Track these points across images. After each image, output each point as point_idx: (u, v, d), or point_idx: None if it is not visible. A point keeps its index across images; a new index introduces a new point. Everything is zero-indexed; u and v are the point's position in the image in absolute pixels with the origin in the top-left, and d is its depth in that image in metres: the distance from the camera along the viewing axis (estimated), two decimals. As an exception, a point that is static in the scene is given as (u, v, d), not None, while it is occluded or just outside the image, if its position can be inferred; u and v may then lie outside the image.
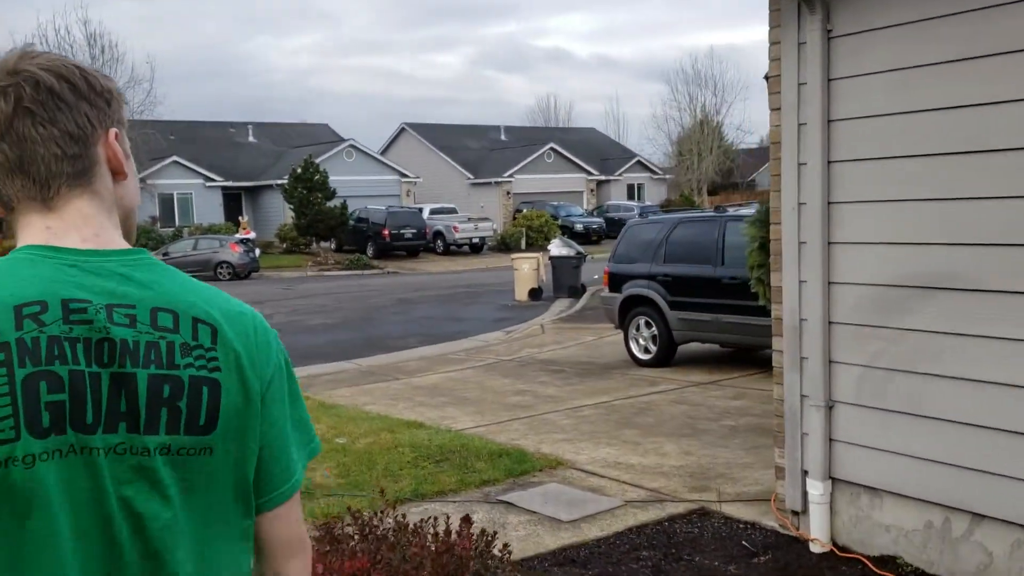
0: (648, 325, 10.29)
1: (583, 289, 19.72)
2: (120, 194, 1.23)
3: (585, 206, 44.72)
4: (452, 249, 36.47)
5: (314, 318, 17.24)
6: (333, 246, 34.59)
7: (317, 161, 33.76)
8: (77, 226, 1.16)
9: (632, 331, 10.49)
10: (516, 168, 43.82)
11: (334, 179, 33.39)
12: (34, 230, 1.16)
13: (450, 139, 47.54)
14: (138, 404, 1.10)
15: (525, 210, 39.95)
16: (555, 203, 41.82)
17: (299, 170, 32.35)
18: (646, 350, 10.35)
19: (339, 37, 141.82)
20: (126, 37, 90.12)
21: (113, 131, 1.21)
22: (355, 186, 36.97)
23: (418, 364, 11.54)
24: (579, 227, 38.84)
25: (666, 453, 6.37)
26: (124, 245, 1.20)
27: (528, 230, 37.80)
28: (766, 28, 4.43)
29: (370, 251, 33.44)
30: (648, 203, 45.98)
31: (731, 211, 9.96)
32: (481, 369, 10.87)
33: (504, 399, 8.88)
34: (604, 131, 59.74)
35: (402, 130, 49.03)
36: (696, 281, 9.76)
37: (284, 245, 34.71)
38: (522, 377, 10.12)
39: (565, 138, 50.16)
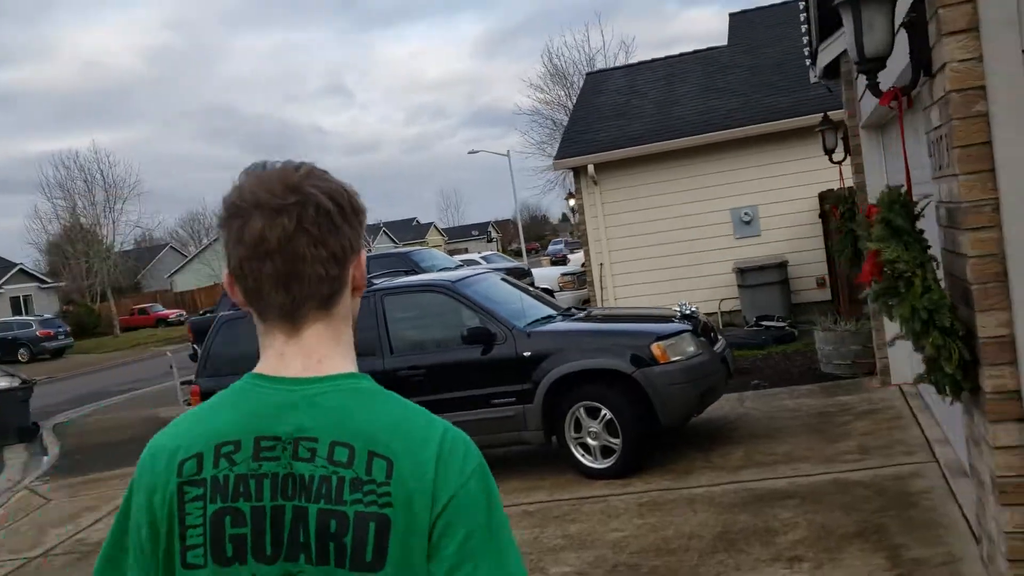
0: (283, 455, 7.38)
1: (37, 428, 14.98)
2: (354, 308, 1.30)
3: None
4: None
5: None
6: None
7: None
8: (307, 352, 1.22)
9: (256, 468, 7.43)
10: None
11: None
12: (271, 352, 1.24)
13: None
14: (310, 537, 1.14)
15: None
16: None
17: None
18: (283, 490, 7.40)
19: None
20: None
21: (364, 252, 1.29)
22: None
23: None
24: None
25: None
26: (342, 368, 1.23)
27: None
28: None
29: None
30: (45, 315, 39.03)
31: (378, 282, 7.65)
32: (17, 583, 6.67)
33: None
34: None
35: None
36: (356, 381, 7.23)
37: None
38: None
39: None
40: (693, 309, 7.51)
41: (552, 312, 7.58)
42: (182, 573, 1.17)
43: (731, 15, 19.38)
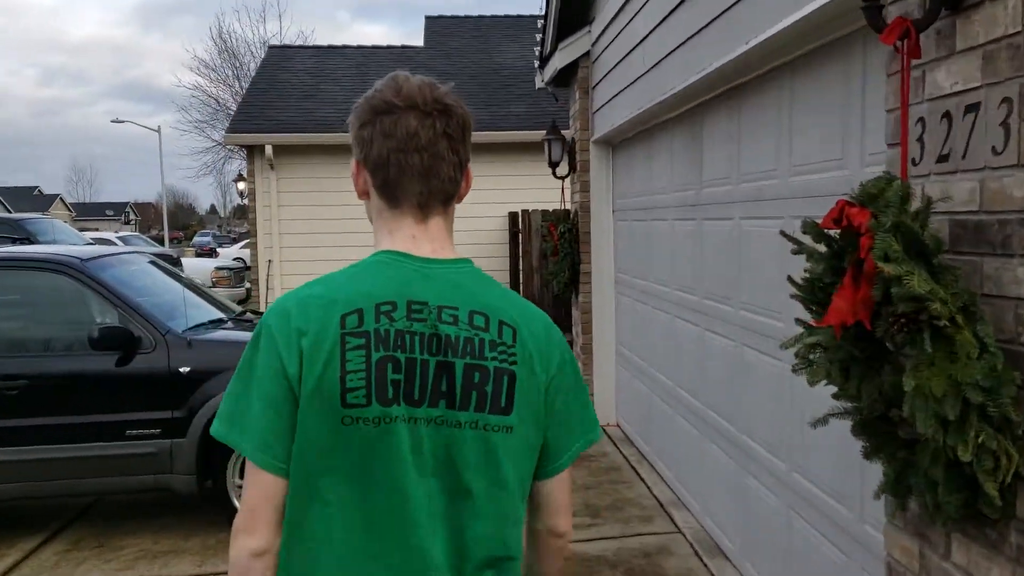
0: None
1: None
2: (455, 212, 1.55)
3: None
4: None
5: None
6: None
7: None
8: (432, 238, 1.46)
9: None
10: None
11: None
12: (402, 235, 1.46)
13: None
14: (455, 386, 1.37)
15: None
16: None
17: None
18: None
19: None
20: None
21: (471, 166, 1.52)
22: None
23: None
24: None
25: None
26: (456, 255, 1.48)
27: None
28: None
29: None
30: None
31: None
32: None
33: None
34: None
35: None
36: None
37: None
38: None
39: None
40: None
41: (222, 315, 5.79)
42: (340, 411, 1.33)
43: (427, 18, 18.46)
